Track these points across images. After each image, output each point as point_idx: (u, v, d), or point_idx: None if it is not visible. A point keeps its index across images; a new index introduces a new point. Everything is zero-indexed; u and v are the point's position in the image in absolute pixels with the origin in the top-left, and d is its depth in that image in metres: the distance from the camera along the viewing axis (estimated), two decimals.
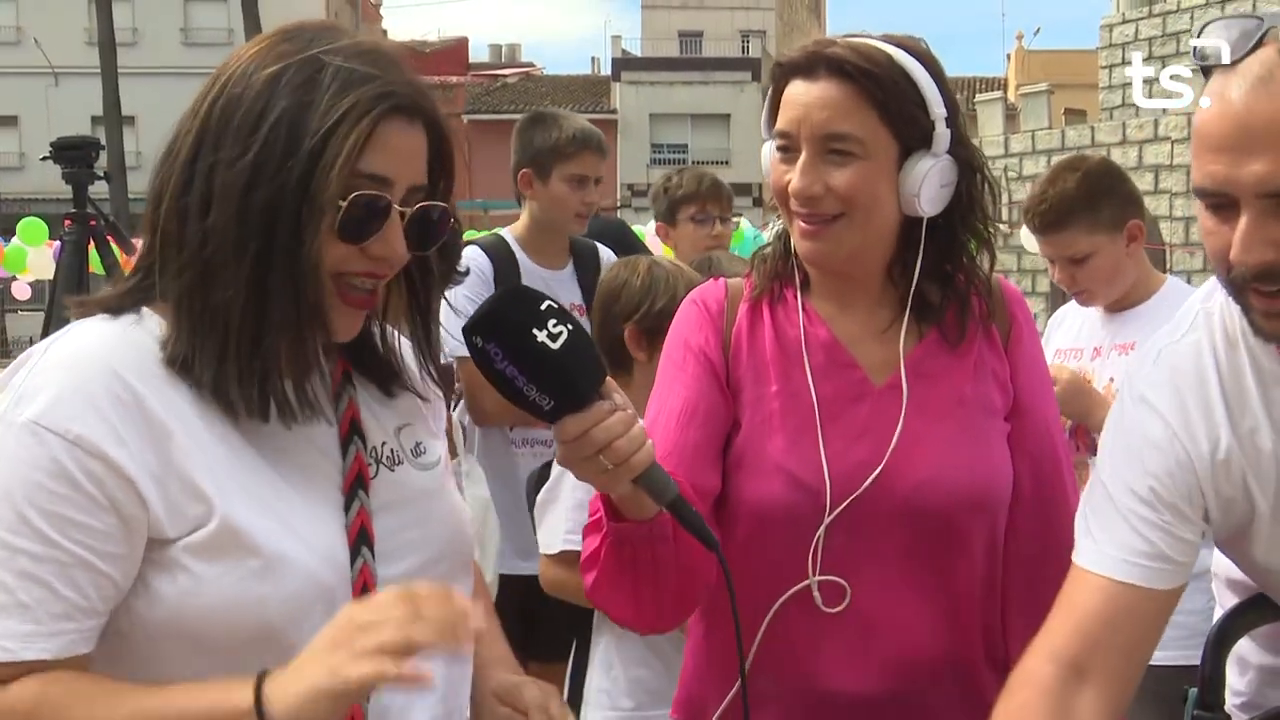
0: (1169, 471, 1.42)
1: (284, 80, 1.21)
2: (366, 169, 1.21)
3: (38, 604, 1.12)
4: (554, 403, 1.25)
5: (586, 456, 1.27)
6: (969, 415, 1.62)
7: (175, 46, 38.29)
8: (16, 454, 1.13)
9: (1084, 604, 1.43)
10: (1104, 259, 2.80)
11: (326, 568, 1.23)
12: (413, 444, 1.39)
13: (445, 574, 1.36)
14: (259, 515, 1.20)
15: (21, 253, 13.47)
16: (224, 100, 1.22)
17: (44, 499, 1.12)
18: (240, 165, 1.19)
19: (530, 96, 39.73)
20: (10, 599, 1.11)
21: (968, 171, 1.61)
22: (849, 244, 1.58)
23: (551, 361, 1.23)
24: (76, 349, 1.19)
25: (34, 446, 1.13)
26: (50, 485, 1.13)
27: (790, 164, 1.58)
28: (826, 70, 1.55)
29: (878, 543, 1.58)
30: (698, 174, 4.01)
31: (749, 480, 1.61)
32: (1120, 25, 26.24)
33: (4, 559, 1.11)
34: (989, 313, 1.66)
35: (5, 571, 1.11)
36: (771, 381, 1.63)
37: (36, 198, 27.88)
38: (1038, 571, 1.64)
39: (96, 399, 1.15)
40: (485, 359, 1.23)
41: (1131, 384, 1.50)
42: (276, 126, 1.19)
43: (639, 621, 1.62)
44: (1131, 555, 1.41)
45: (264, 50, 1.24)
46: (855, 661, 1.59)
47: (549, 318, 1.23)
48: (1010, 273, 19.44)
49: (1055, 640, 1.43)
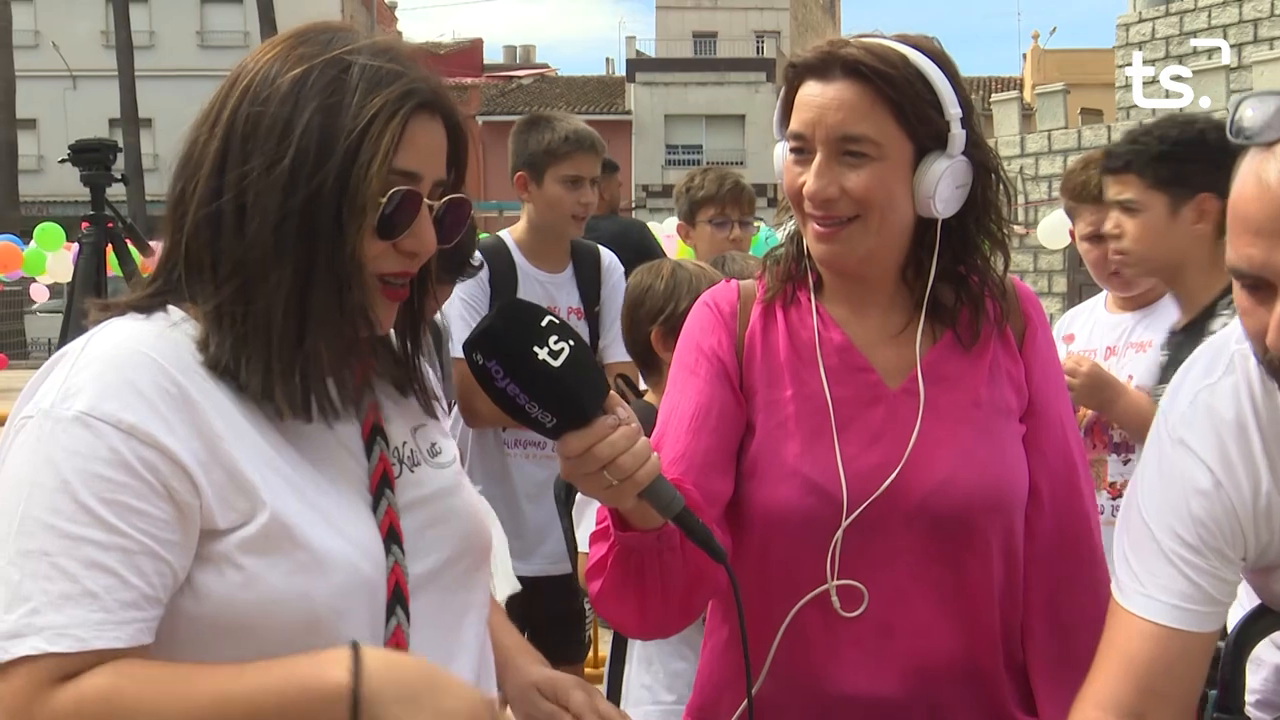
0: (1214, 518, 1.41)
1: (309, 82, 1.21)
2: (399, 166, 1.23)
3: (106, 592, 1.10)
4: (556, 420, 1.24)
5: (590, 472, 1.26)
6: (985, 417, 1.61)
7: (191, 49, 38.44)
8: (70, 446, 1.12)
9: (1137, 652, 1.42)
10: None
11: (367, 562, 1.23)
12: (429, 444, 1.40)
13: (467, 569, 1.37)
14: (304, 510, 1.20)
15: (40, 255, 13.54)
16: (247, 107, 1.22)
17: (103, 488, 1.12)
18: (276, 172, 1.19)
19: (545, 98, 39.77)
20: (77, 588, 1.10)
21: (982, 172, 1.59)
22: (864, 246, 1.58)
23: (553, 379, 1.22)
24: (117, 344, 1.19)
25: (88, 438, 1.13)
26: (108, 474, 1.12)
27: (804, 165, 1.57)
28: (841, 71, 1.54)
29: (894, 546, 1.57)
30: (719, 176, 3.95)
31: (764, 485, 1.60)
32: (1137, 24, 26.15)
33: (68, 548, 1.10)
34: (1004, 314, 1.65)
35: (71, 561, 1.10)
36: (786, 385, 1.62)
37: (55, 200, 28.03)
38: (1056, 573, 1.63)
39: (144, 390, 1.15)
40: (486, 376, 1.23)
41: (1168, 423, 1.48)
42: (308, 130, 1.19)
43: (643, 629, 1.61)
44: (1181, 600, 1.41)
45: (282, 53, 1.24)
46: (872, 665, 1.58)
47: (550, 334, 1.22)
48: (1026, 273, 19.37)
49: (1110, 689, 1.43)
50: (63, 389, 1.15)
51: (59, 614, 1.09)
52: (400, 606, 1.25)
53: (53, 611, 1.09)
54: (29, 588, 1.09)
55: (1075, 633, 1.62)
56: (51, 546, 1.10)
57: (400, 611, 1.25)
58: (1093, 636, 1.62)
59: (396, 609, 1.25)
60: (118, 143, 4.06)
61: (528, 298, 2.59)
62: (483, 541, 1.42)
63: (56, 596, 1.09)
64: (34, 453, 1.13)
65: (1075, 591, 1.64)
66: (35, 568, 1.09)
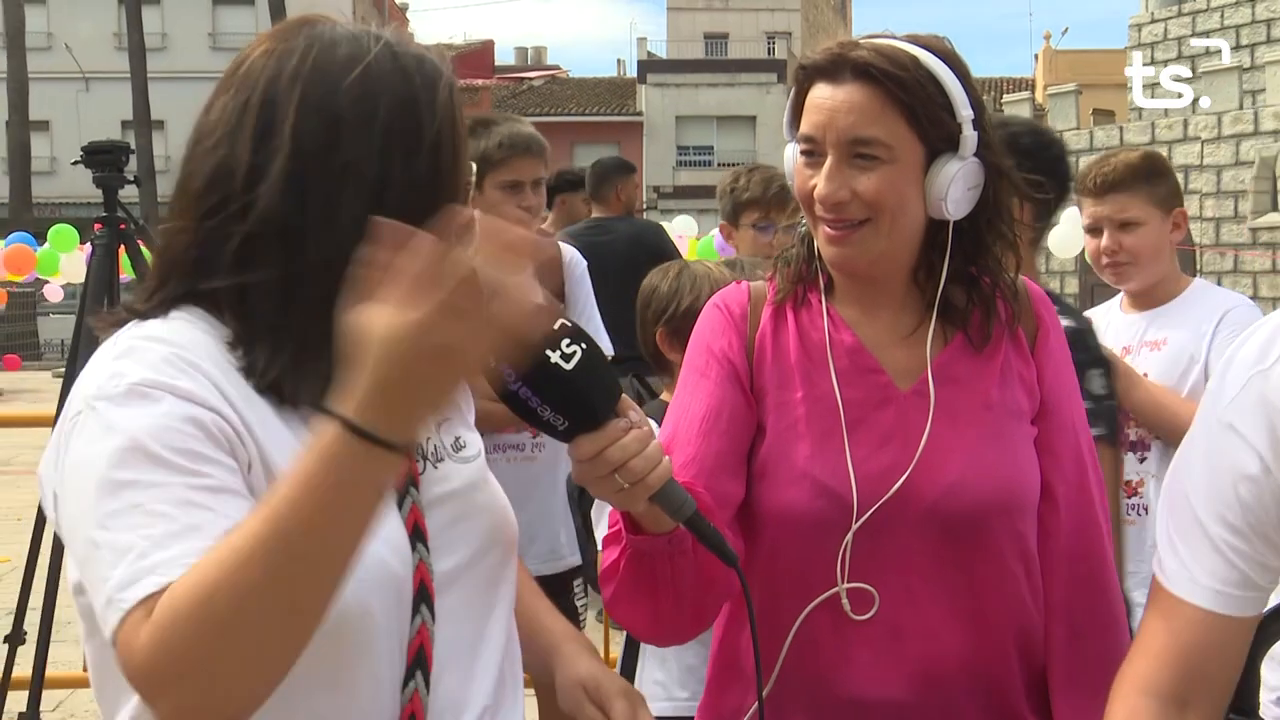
0: (1263, 504, 1.41)
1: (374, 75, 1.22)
2: None
3: (207, 524, 1.07)
4: (568, 423, 1.24)
5: (601, 475, 1.26)
6: (996, 419, 1.60)
7: (204, 51, 38.54)
8: (132, 414, 1.10)
9: (1181, 636, 1.42)
10: (1151, 233, 2.85)
11: (395, 557, 1.23)
12: (452, 439, 1.39)
13: (496, 563, 1.37)
14: None
15: (54, 256, 13.60)
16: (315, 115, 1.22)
17: (175, 438, 1.10)
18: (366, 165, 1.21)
19: (555, 99, 39.83)
20: (178, 525, 1.06)
21: (994, 173, 1.59)
22: (875, 248, 1.57)
23: (565, 382, 1.21)
24: (147, 335, 1.19)
25: (148, 404, 1.11)
26: (177, 426, 1.10)
27: (815, 168, 1.57)
28: (851, 73, 1.53)
29: (905, 548, 1.56)
30: (765, 179, 3.80)
31: (774, 487, 1.59)
32: (1149, 25, 26.09)
33: (157, 495, 1.07)
34: (1015, 315, 1.65)
35: (163, 504, 1.06)
36: (796, 387, 1.62)
37: (67, 201, 28.13)
38: (1069, 575, 1.63)
39: (185, 368, 1.15)
40: (498, 380, 1.22)
41: (1217, 407, 1.47)
42: (390, 122, 1.22)
43: (656, 634, 1.61)
44: (1227, 586, 1.40)
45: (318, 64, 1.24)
46: (883, 669, 1.57)
47: (562, 337, 1.21)
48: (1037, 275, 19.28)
49: (1152, 673, 1.43)
50: (107, 375, 1.14)
51: (167, 550, 1.04)
52: (425, 604, 1.24)
53: (159, 551, 1.04)
54: (127, 539, 1.05)
55: (1088, 635, 1.62)
56: (139, 497, 1.07)
57: (425, 609, 1.24)
58: (1104, 638, 1.62)
59: (421, 607, 1.24)
60: (130, 144, 4.06)
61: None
62: (510, 535, 1.41)
63: (161, 536, 1.05)
64: (94, 431, 1.11)
65: (1088, 594, 1.63)
66: (128, 521, 1.06)
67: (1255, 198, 20.67)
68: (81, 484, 1.10)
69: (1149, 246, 2.85)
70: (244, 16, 38.17)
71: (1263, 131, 20.80)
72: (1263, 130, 20.80)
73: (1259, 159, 20.70)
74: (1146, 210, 2.83)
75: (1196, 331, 2.76)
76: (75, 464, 1.12)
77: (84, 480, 1.10)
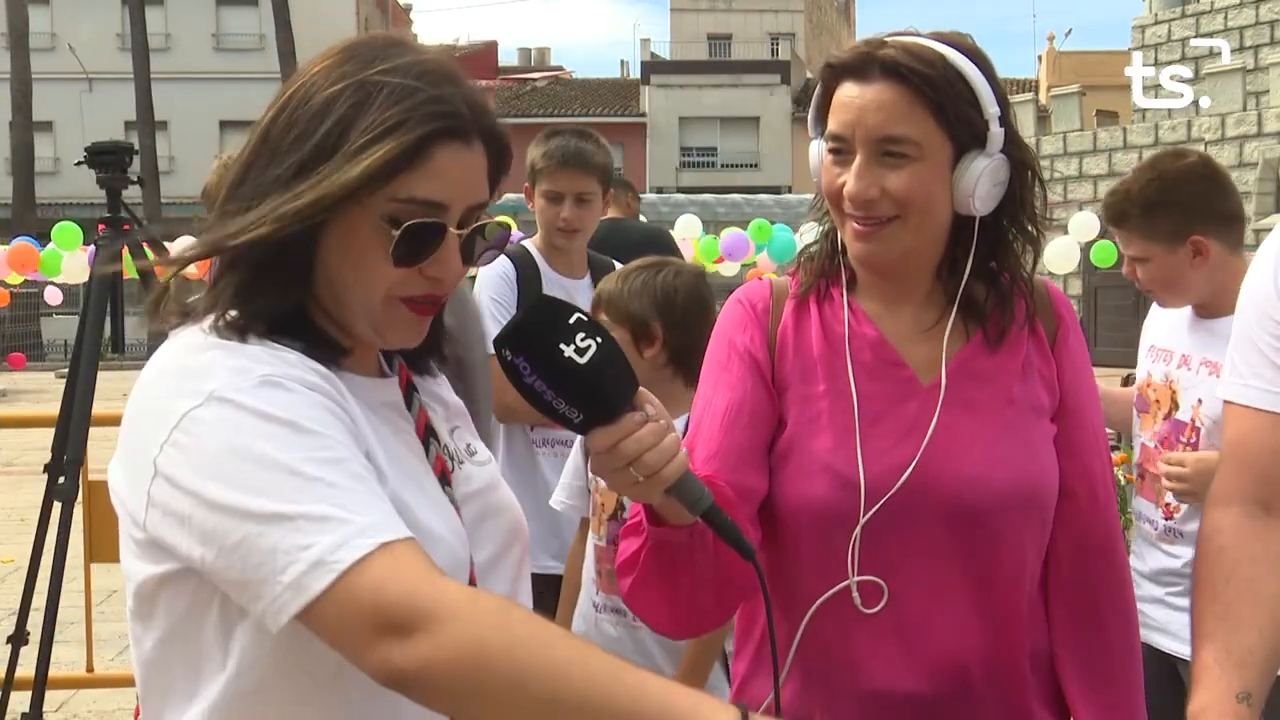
0: None
1: (338, 102, 1.22)
2: (421, 195, 1.22)
3: (377, 499, 1.12)
4: (583, 416, 1.25)
5: (617, 468, 1.26)
6: (1017, 415, 1.61)
7: (207, 52, 38.63)
8: (274, 399, 1.13)
9: (1250, 443, 1.54)
10: (1157, 267, 2.73)
11: (460, 545, 1.26)
12: (464, 444, 1.42)
13: (517, 559, 1.40)
14: (413, 491, 1.23)
15: (57, 256, 13.60)
16: (285, 119, 1.24)
17: (324, 420, 1.14)
18: (283, 183, 1.21)
19: (559, 100, 39.85)
20: (367, 494, 1.11)
21: (1020, 170, 1.60)
22: (903, 245, 1.58)
23: (579, 376, 1.22)
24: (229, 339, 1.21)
25: (283, 392, 1.14)
26: (319, 413, 1.14)
27: (843, 166, 1.57)
28: (880, 72, 1.54)
29: (923, 542, 1.57)
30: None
31: (794, 479, 1.60)
32: (1153, 26, 26.10)
33: (333, 470, 1.10)
34: (1033, 312, 1.65)
35: (344, 478, 1.10)
36: (819, 380, 1.63)
37: (71, 202, 28.15)
38: (1088, 574, 1.64)
39: (298, 363, 1.18)
40: (514, 372, 1.23)
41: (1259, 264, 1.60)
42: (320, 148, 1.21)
43: (675, 627, 1.61)
44: (1275, 386, 1.52)
45: (326, 70, 1.25)
46: (902, 661, 1.58)
47: (578, 331, 1.23)
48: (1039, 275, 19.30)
49: (1231, 484, 1.54)
50: (228, 371, 1.15)
51: (367, 516, 1.08)
52: None
53: (361, 516, 1.08)
54: (322, 509, 1.07)
55: (1107, 628, 1.63)
56: (322, 473, 1.09)
57: None
58: (1122, 632, 1.65)
59: None
60: (134, 145, 4.06)
61: None
62: (526, 534, 1.45)
63: (355, 504, 1.08)
64: (239, 419, 1.12)
65: (1107, 589, 1.65)
66: (317, 493, 1.08)
67: (1259, 199, 20.66)
68: (244, 468, 1.10)
69: (1162, 279, 2.74)
70: (248, 17, 38.22)
71: (1266, 133, 20.80)
72: (1266, 132, 20.80)
73: (1263, 160, 20.70)
74: (1146, 247, 2.72)
75: None
76: (226, 451, 1.11)
77: (248, 464, 1.10)
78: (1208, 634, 1.48)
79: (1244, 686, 1.43)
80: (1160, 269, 2.73)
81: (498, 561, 1.36)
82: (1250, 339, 1.56)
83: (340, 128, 1.20)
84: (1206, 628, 1.49)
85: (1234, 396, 1.56)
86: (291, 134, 1.22)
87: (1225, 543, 1.52)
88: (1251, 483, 1.52)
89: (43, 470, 3.85)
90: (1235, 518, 1.52)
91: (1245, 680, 1.44)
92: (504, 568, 1.37)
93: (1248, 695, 1.43)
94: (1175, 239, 2.68)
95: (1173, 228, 2.68)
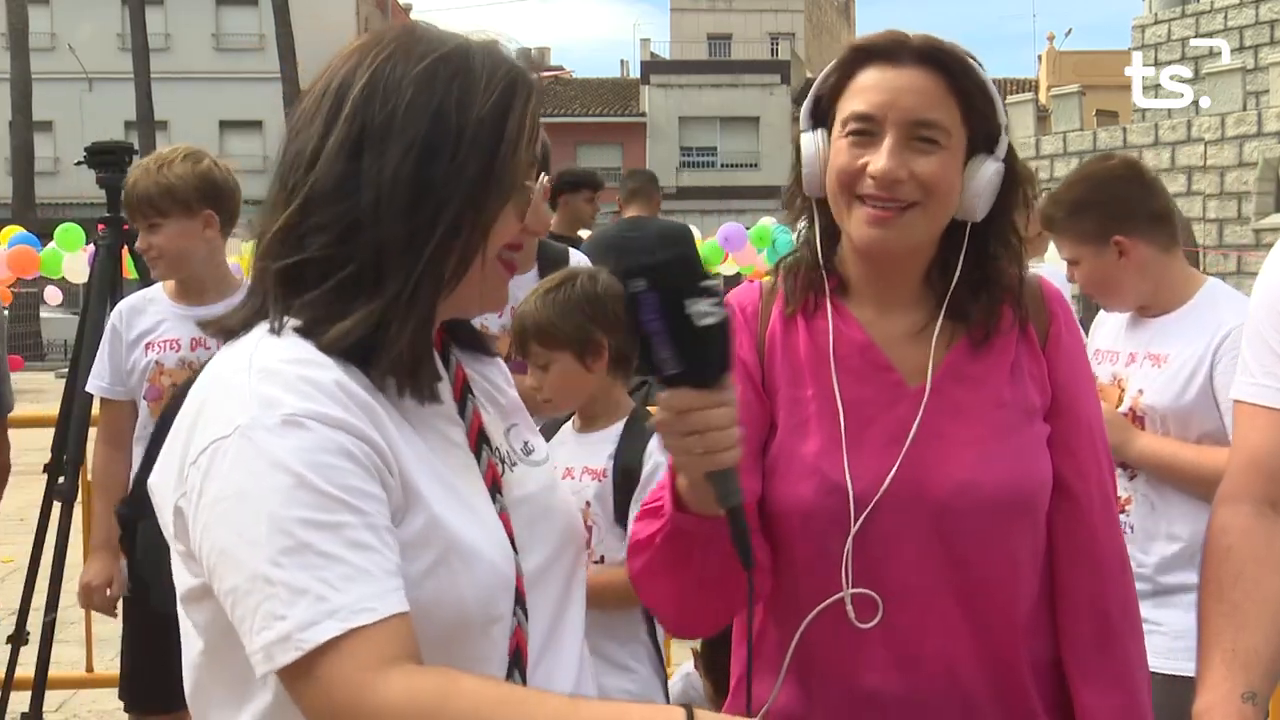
0: None
1: (439, 74, 1.23)
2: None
3: (374, 566, 1.11)
4: (680, 371, 1.27)
5: (683, 432, 1.29)
6: (1008, 418, 1.60)
7: (207, 51, 38.62)
8: (291, 445, 1.13)
9: (1258, 441, 1.54)
10: (1088, 269, 2.81)
11: (504, 560, 1.25)
12: (521, 443, 1.42)
13: (570, 563, 1.40)
14: (456, 508, 1.22)
15: (57, 256, 13.61)
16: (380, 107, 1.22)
17: (336, 475, 1.12)
18: (411, 157, 1.21)
19: (559, 100, 39.82)
20: (350, 568, 1.09)
21: (1011, 182, 1.61)
22: (917, 234, 1.58)
23: (696, 334, 1.24)
24: (282, 356, 1.19)
25: (305, 434, 1.13)
26: (335, 462, 1.13)
27: (865, 148, 1.56)
28: (913, 57, 1.55)
29: (914, 546, 1.57)
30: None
31: (784, 483, 1.60)
32: (1153, 26, 26.10)
33: (329, 536, 1.10)
34: (1022, 316, 1.65)
35: (335, 546, 1.10)
36: (807, 384, 1.63)
37: (71, 202, 28.16)
38: (1096, 569, 1.63)
39: (333, 393, 1.17)
40: (635, 304, 1.25)
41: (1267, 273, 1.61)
42: (443, 114, 1.22)
43: (680, 620, 1.62)
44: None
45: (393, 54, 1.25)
46: (897, 667, 1.58)
47: (710, 295, 1.25)
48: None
49: (1238, 483, 1.54)
50: (260, 403, 1.15)
51: (345, 594, 1.08)
52: (520, 605, 1.27)
53: (338, 594, 1.08)
54: (303, 580, 1.08)
55: (1114, 629, 1.63)
56: (312, 538, 1.10)
57: (520, 610, 1.27)
58: (1128, 632, 1.64)
59: (516, 609, 1.27)
60: (134, 145, 4.07)
61: None
62: (581, 536, 1.45)
63: (337, 579, 1.08)
64: (253, 461, 1.12)
65: (1114, 588, 1.64)
66: (303, 560, 1.09)
67: (1259, 199, 20.68)
68: (244, 516, 1.11)
69: (1095, 280, 2.82)
70: (247, 17, 38.21)
71: (1266, 133, 20.80)
72: (1266, 131, 20.80)
73: (1262, 160, 20.70)
74: (1075, 249, 2.81)
75: (1199, 347, 2.66)
76: (233, 494, 1.12)
77: (248, 513, 1.11)
78: (1214, 633, 1.48)
79: (1249, 686, 1.43)
80: (1092, 270, 2.81)
81: (549, 568, 1.35)
82: (1262, 337, 1.55)
83: (460, 97, 1.23)
84: (1213, 627, 1.48)
85: (1245, 395, 1.55)
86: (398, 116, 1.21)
87: (1233, 542, 1.51)
88: (1261, 482, 1.52)
89: (42, 470, 3.86)
90: (1244, 517, 1.52)
91: (1251, 680, 1.44)
92: (555, 573, 1.36)
93: (1253, 695, 1.43)
94: (1099, 240, 2.77)
95: (1095, 229, 2.77)
